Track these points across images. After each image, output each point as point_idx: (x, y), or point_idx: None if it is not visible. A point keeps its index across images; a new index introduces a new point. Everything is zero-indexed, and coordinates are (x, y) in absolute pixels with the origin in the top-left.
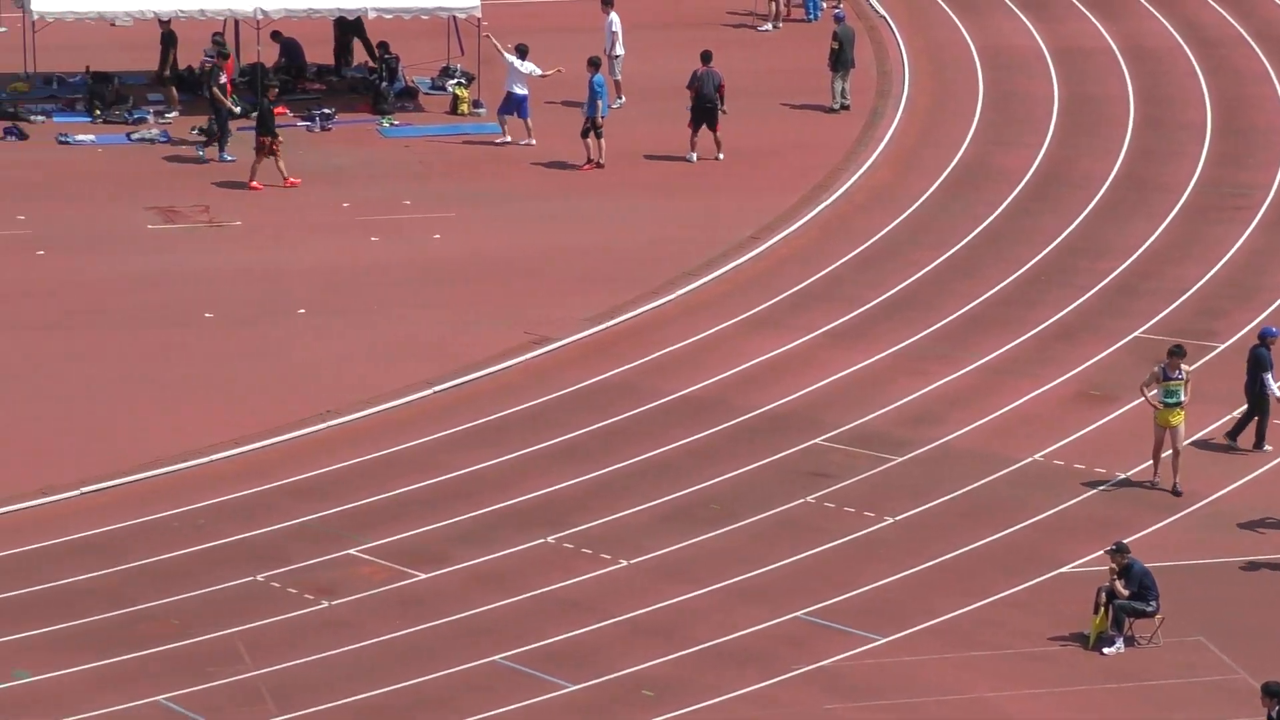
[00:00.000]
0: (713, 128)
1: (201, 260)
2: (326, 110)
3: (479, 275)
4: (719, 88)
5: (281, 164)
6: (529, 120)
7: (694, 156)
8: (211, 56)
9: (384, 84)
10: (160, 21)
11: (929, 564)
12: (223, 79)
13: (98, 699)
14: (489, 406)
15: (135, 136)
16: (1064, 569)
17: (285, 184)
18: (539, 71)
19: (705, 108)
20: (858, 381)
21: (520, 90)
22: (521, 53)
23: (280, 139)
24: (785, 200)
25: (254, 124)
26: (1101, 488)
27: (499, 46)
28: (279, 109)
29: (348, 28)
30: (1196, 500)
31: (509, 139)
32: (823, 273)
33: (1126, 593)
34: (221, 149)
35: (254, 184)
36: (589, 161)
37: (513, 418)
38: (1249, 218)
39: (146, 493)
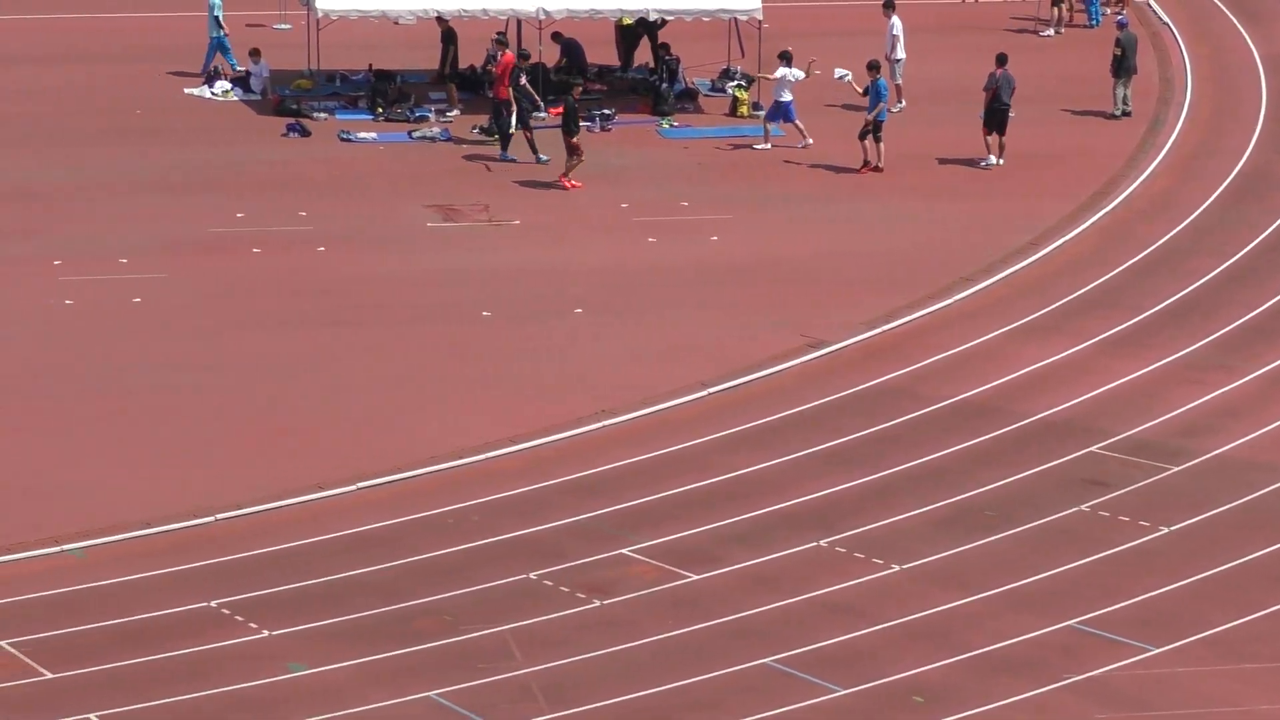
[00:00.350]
0: (1001, 132)
1: (480, 259)
2: (607, 111)
3: (755, 277)
4: (1011, 91)
5: (575, 165)
6: (798, 122)
7: (993, 160)
8: (526, 58)
9: (664, 85)
10: (439, 20)
11: (1204, 575)
12: (524, 79)
13: (370, 694)
14: (764, 409)
15: (416, 135)
16: None
17: (569, 186)
18: (802, 75)
19: (998, 110)
20: (1134, 390)
21: (786, 97)
22: (786, 59)
23: (577, 140)
24: (1065, 206)
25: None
26: None
27: (768, 76)
28: (558, 109)
29: (640, 27)
30: None
31: (770, 145)
32: (1101, 280)
33: None
34: (504, 147)
35: (570, 181)
36: (865, 164)
37: (787, 420)
38: None
39: (422, 489)
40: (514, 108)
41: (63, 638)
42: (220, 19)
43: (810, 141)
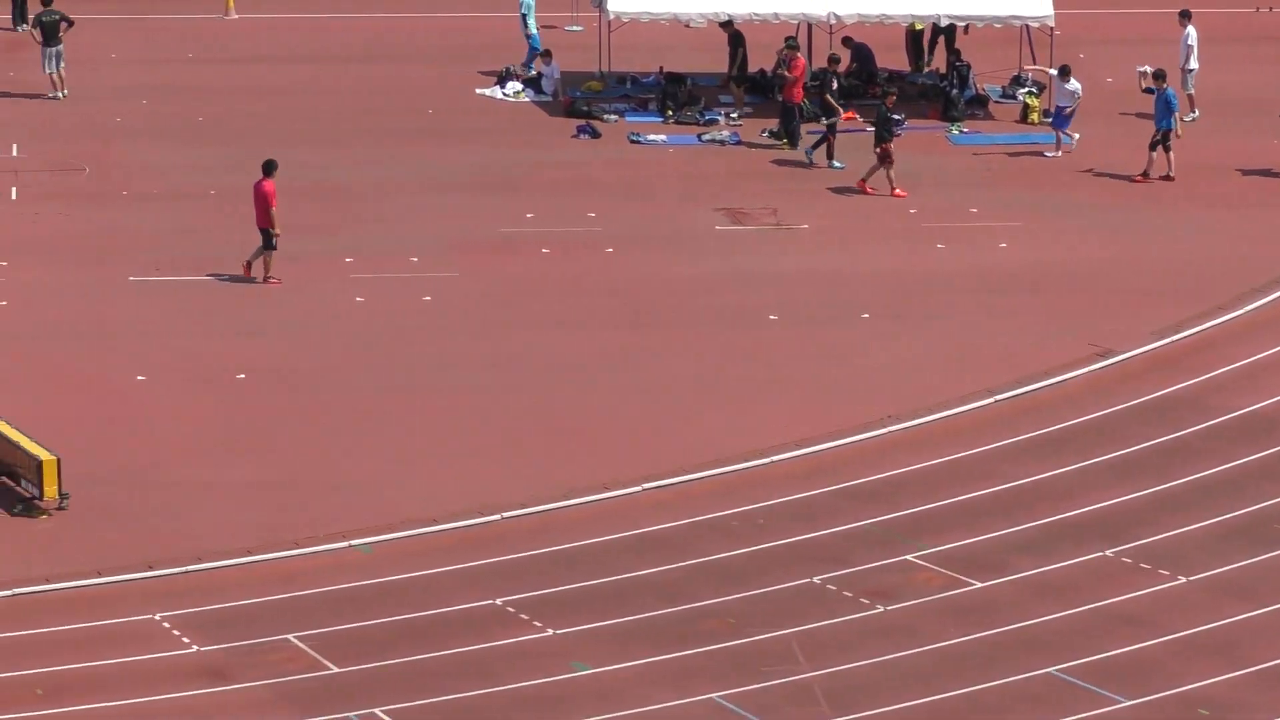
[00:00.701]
0: None
1: (768, 262)
2: (896, 116)
3: (1043, 285)
4: None
5: (891, 173)
6: (1067, 129)
7: None
8: (834, 62)
9: (954, 91)
10: (723, 25)
11: None
12: (835, 84)
13: (653, 694)
14: (1050, 417)
15: (706, 138)
16: None
17: (893, 194)
18: (1080, 90)
19: None
20: None
21: (1064, 104)
22: (1064, 73)
23: (879, 148)
24: None
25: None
26: None
27: (1077, 102)
28: (848, 114)
29: (936, 31)
30: None
31: (1060, 153)
32: None
33: None
34: (830, 154)
35: (868, 188)
36: (1143, 174)
37: (1074, 429)
38: None
39: (708, 491)
40: (837, 111)
41: (349, 632)
42: (529, 19)
43: (1075, 137)
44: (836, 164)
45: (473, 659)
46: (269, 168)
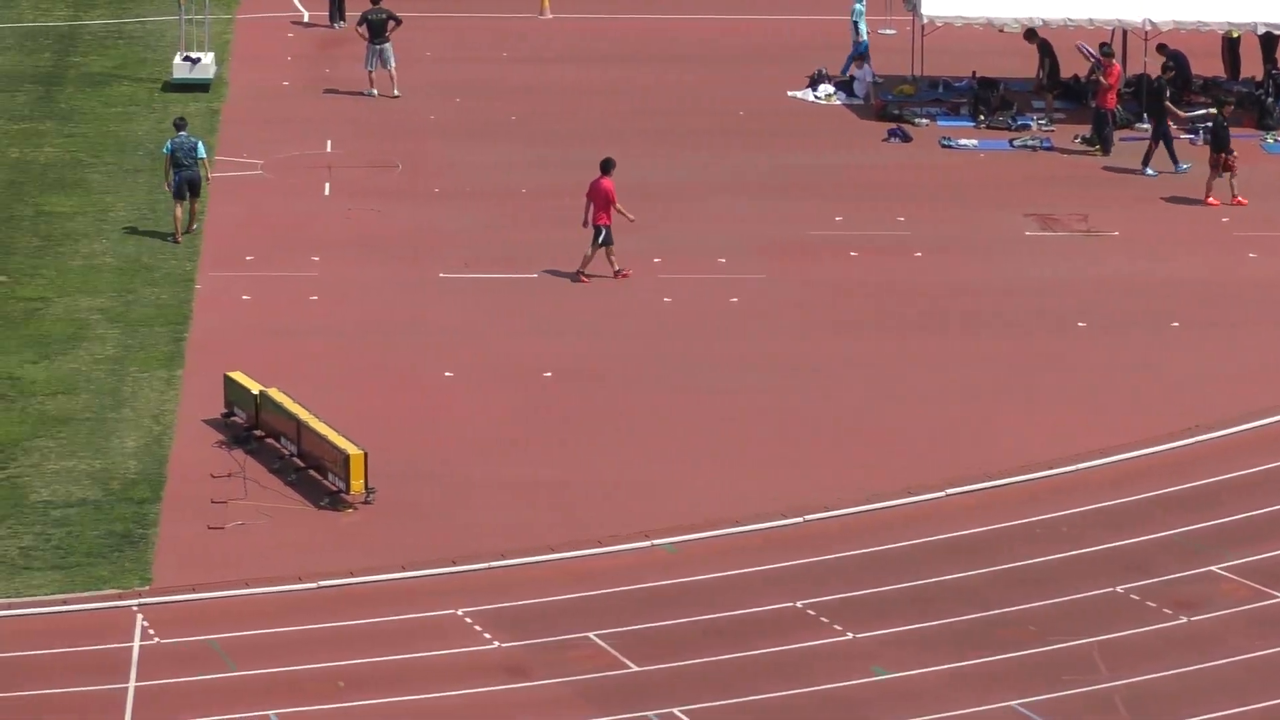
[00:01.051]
0: None
1: (1077, 269)
2: (1209, 124)
3: None
4: None
5: (1234, 181)
6: None
7: None
8: (1169, 70)
9: (1270, 100)
10: (1025, 35)
11: None
12: (1169, 93)
13: (952, 700)
14: None
15: (1017, 143)
16: None
17: (1234, 202)
18: None
19: None
20: None
21: None
22: None
23: (1235, 155)
24: None
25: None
26: None
27: None
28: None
29: (1265, 43)
30: None
31: None
32: None
33: None
34: (1176, 162)
35: (1210, 199)
36: None
37: None
38: None
39: (1012, 497)
40: (1178, 118)
41: (649, 631)
42: (860, 25)
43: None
44: (1149, 171)
45: (773, 660)
46: (607, 166)
